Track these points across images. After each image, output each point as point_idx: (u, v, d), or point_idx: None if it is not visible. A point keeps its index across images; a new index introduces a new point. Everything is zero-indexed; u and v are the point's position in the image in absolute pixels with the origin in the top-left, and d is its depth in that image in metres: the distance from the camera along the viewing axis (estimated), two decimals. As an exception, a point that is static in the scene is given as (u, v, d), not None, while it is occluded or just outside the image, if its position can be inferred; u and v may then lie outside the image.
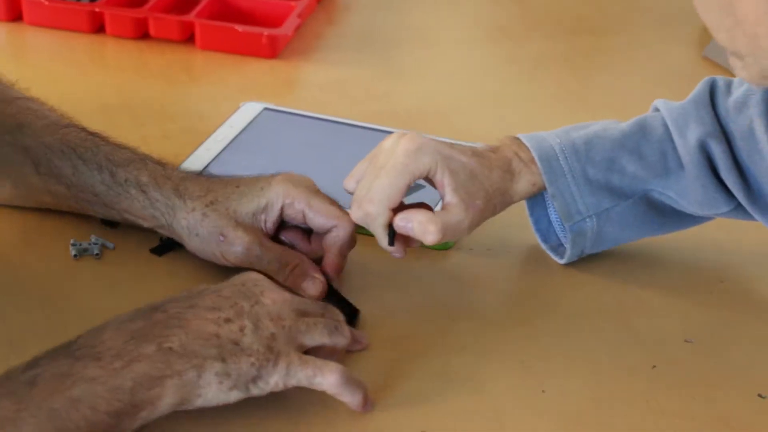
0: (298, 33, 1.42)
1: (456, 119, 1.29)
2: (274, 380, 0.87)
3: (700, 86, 1.04)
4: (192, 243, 1.01)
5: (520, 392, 0.94)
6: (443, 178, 0.97)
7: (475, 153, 1.01)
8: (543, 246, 1.07)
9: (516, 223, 1.12)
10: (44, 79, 1.32)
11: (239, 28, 1.37)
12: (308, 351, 0.91)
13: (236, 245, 0.99)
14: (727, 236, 1.10)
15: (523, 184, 1.02)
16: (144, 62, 1.36)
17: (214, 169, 1.15)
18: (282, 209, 1.00)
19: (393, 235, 0.97)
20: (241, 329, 0.87)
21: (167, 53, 1.37)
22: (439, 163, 0.97)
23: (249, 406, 0.88)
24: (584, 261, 1.07)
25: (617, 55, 1.44)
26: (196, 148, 1.18)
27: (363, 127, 1.23)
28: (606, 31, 1.49)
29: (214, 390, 0.85)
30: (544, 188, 1.03)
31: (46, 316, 0.97)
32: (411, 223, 0.97)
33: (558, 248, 1.07)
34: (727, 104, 1.02)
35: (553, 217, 1.07)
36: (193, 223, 1.00)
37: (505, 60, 1.42)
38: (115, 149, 1.05)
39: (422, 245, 1.06)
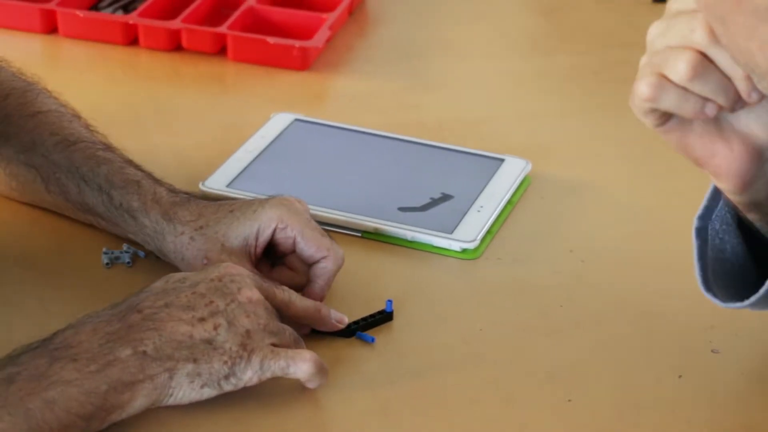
0: (329, 45, 1.43)
1: (486, 132, 1.29)
2: (248, 376, 0.89)
3: None
4: (180, 266, 1.01)
5: (547, 402, 0.94)
6: None
7: None
8: (703, 287, 0.91)
9: (543, 233, 1.12)
10: (79, 90, 1.32)
11: (271, 40, 1.38)
12: None
13: None
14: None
15: None
16: (177, 74, 1.38)
17: (245, 179, 1.16)
18: (274, 233, 1.00)
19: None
20: (215, 328, 0.89)
21: (200, 65, 1.39)
22: None
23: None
24: (609, 270, 1.07)
25: None
26: (227, 159, 1.19)
27: (393, 138, 1.24)
28: (636, 44, 1.49)
29: (185, 389, 0.88)
30: None
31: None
32: None
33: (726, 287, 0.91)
34: None
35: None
36: (180, 247, 1.01)
37: (534, 73, 1.43)
38: (116, 169, 1.05)
39: (449, 253, 1.07)
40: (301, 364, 0.90)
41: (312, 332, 0.98)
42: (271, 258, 1.03)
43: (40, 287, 1.03)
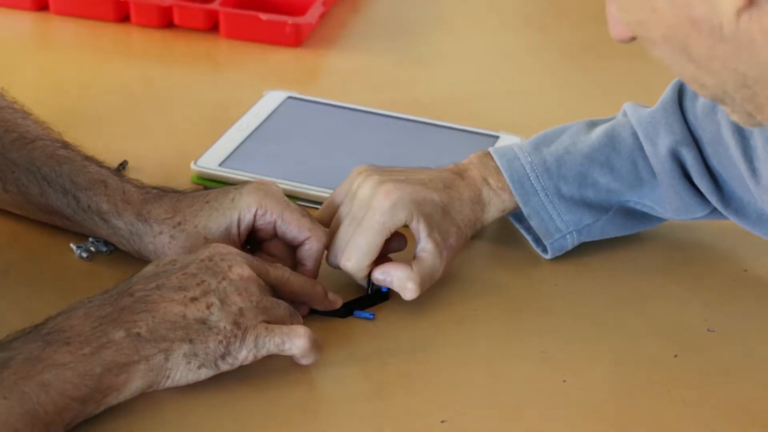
0: (322, 21, 1.42)
1: (480, 107, 1.29)
2: (243, 354, 0.89)
3: (668, 91, 1.04)
4: None
5: (541, 382, 0.94)
6: (418, 225, 0.98)
7: (446, 185, 1.01)
8: (525, 234, 1.06)
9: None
10: (70, 68, 1.33)
11: (263, 16, 1.37)
12: None
13: None
14: (751, 225, 1.10)
15: (493, 212, 1.03)
16: (168, 51, 1.37)
17: (238, 158, 1.15)
18: (254, 219, 0.99)
19: (372, 284, 0.99)
20: (208, 307, 0.88)
21: (192, 42, 1.38)
22: (414, 212, 0.98)
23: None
24: (603, 250, 1.06)
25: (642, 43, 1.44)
26: (219, 137, 1.18)
27: (387, 116, 1.23)
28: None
29: (182, 370, 0.87)
30: (513, 212, 1.04)
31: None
32: (390, 277, 0.98)
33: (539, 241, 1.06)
34: (696, 109, 1.02)
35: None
36: (160, 247, 0.99)
37: (529, 48, 1.42)
38: (78, 169, 1.02)
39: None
40: (295, 340, 0.90)
41: (310, 312, 0.98)
42: (252, 247, 1.01)
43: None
